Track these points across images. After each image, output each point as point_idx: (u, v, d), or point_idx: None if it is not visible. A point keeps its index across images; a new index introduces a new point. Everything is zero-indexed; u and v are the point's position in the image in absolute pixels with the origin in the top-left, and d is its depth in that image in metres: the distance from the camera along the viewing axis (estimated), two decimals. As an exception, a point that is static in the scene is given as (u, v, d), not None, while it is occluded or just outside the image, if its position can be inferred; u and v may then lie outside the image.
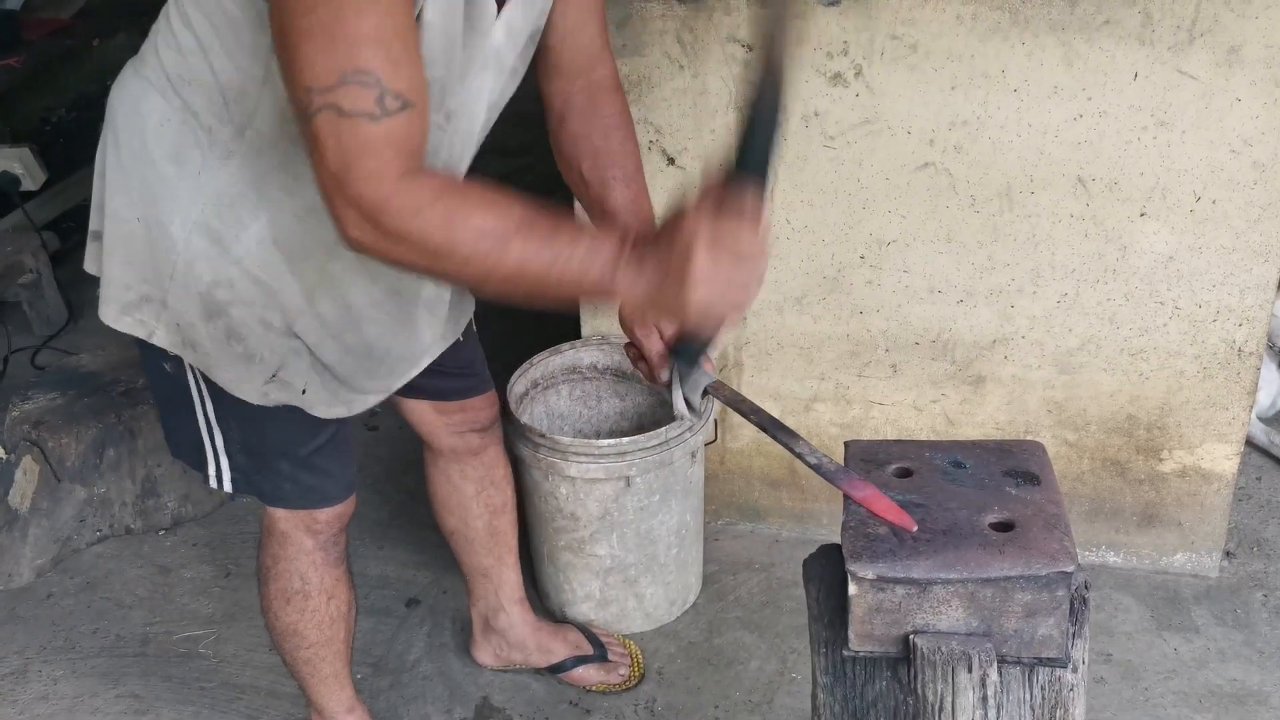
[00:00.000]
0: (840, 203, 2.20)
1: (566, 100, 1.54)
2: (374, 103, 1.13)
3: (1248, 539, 2.49)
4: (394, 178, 1.15)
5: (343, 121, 1.13)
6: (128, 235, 1.48)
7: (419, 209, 1.15)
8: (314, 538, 1.74)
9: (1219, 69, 1.96)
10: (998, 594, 1.20)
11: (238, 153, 1.40)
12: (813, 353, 2.35)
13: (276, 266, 1.45)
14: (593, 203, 1.53)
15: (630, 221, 1.50)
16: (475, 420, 1.96)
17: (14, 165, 3.56)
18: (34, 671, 2.30)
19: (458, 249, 1.16)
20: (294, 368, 1.53)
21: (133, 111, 1.45)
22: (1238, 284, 2.13)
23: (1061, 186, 2.11)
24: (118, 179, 1.48)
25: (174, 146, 1.42)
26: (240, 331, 1.49)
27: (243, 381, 1.54)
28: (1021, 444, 1.39)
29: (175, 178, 1.42)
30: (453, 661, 2.27)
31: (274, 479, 1.67)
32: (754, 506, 2.56)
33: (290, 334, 1.50)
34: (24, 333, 3.49)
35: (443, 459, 2.00)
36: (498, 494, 2.06)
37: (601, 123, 1.53)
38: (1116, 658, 2.21)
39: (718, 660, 2.25)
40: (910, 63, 2.06)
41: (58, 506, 2.57)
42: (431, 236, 1.16)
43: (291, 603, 1.78)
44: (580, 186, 1.54)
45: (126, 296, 1.52)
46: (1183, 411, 2.26)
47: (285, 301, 1.48)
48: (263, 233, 1.43)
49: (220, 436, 1.62)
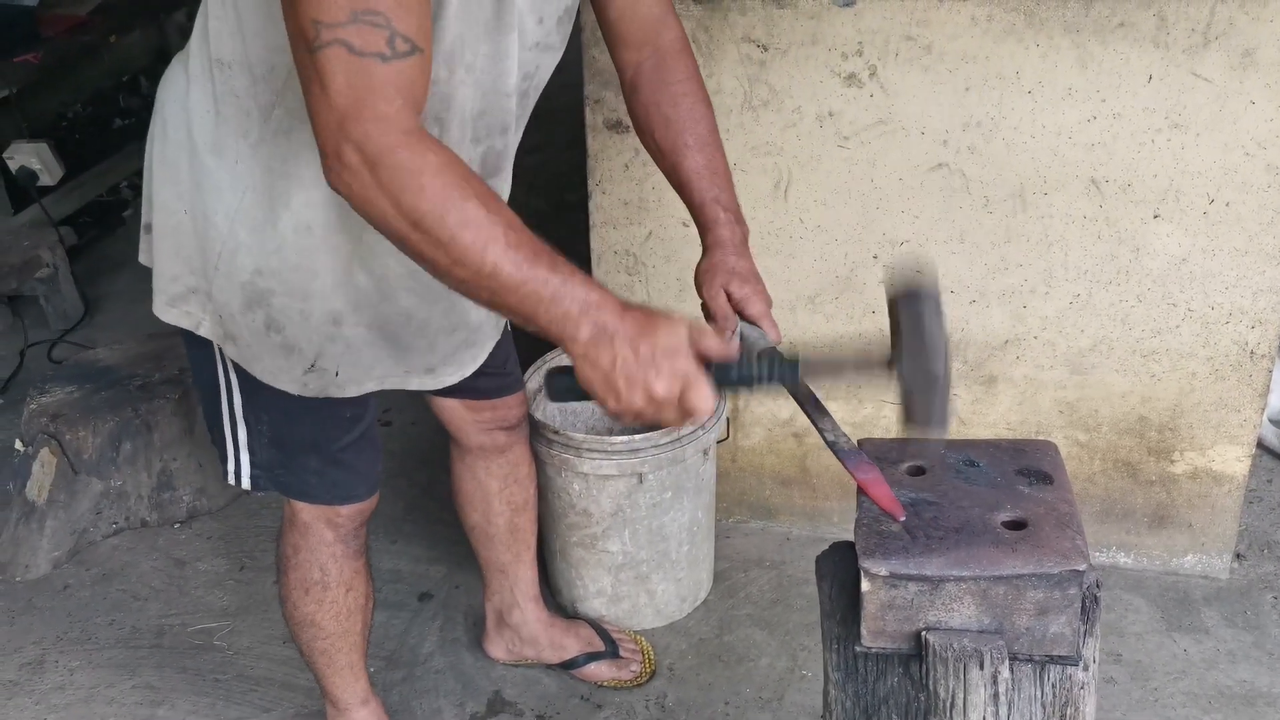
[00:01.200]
0: (854, 203, 2.21)
1: (636, 69, 1.56)
2: (385, 43, 1.13)
3: (1258, 541, 2.49)
4: (402, 129, 1.14)
5: (353, 59, 1.12)
6: (175, 227, 1.51)
7: (420, 171, 1.13)
8: (335, 530, 1.75)
9: (1233, 72, 1.97)
10: (1010, 592, 1.21)
11: (267, 138, 1.41)
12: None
13: (313, 246, 1.46)
14: (669, 170, 1.54)
15: (705, 188, 1.50)
16: (504, 418, 1.97)
17: (32, 160, 3.58)
18: (51, 662, 2.32)
19: (442, 228, 1.13)
20: (330, 354, 1.55)
21: (178, 104, 1.47)
22: (1250, 286, 2.13)
23: (1075, 188, 2.11)
24: (165, 172, 1.50)
25: (214, 138, 1.44)
26: (279, 321, 1.50)
27: (281, 373, 1.55)
28: (1034, 443, 1.40)
29: (216, 169, 1.44)
30: (465, 656, 2.29)
31: (301, 474, 1.68)
32: (765, 504, 2.57)
33: (327, 319, 1.51)
34: (41, 327, 3.51)
35: (469, 455, 2.02)
36: (520, 491, 2.07)
37: (670, 90, 1.54)
38: (1127, 658, 2.21)
39: (729, 657, 2.26)
40: (925, 64, 2.06)
41: (74, 499, 2.59)
42: (420, 205, 1.13)
43: (310, 593, 1.79)
44: (656, 154, 1.55)
45: (174, 288, 1.55)
46: (1194, 413, 2.26)
47: (324, 284, 1.48)
48: (298, 215, 1.44)
49: (244, 432, 1.64)
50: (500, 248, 1.14)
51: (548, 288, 1.15)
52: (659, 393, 1.16)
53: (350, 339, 1.55)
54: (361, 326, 1.55)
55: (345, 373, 1.58)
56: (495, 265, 1.14)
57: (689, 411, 1.18)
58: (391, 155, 1.13)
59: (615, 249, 2.35)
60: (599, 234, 2.35)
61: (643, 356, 1.16)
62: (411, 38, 1.15)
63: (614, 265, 2.37)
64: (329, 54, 1.13)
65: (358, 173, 1.14)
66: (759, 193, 2.23)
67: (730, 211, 1.51)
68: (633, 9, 1.53)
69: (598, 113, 2.24)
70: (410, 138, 1.15)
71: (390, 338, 1.59)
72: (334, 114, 1.14)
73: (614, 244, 2.35)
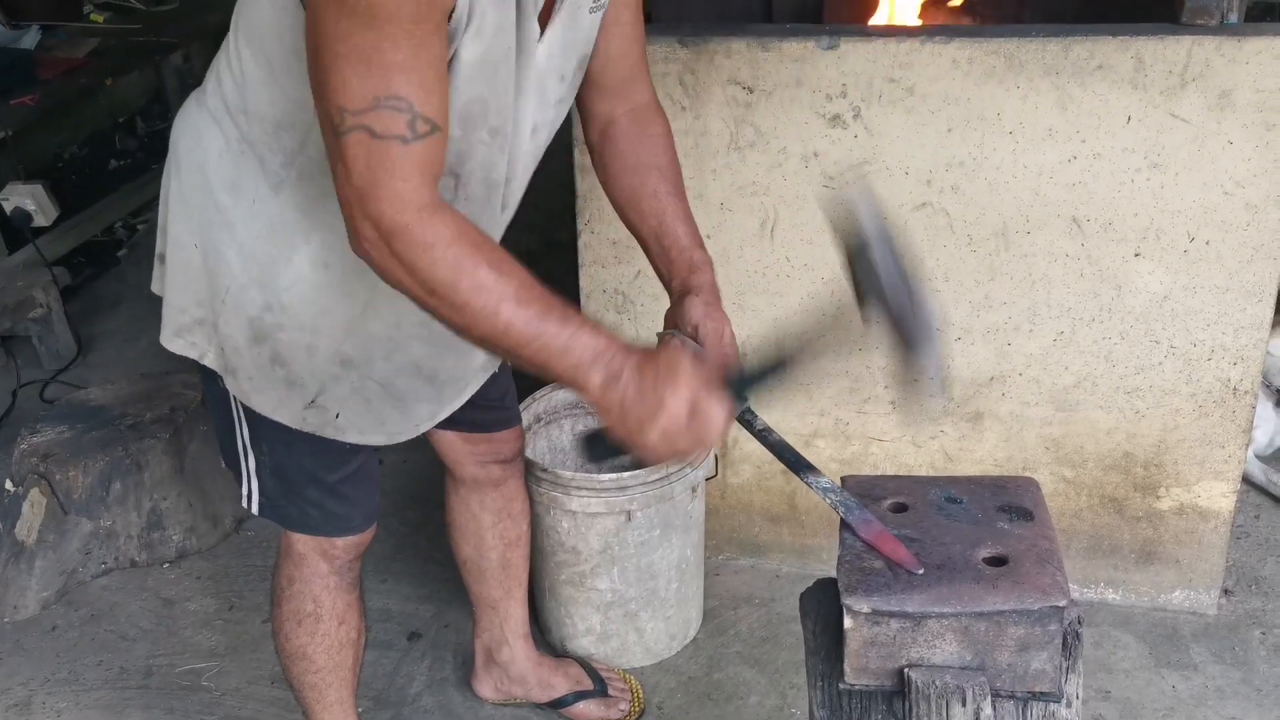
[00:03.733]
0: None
1: (610, 120, 1.59)
2: (406, 126, 1.19)
3: (1246, 577, 2.50)
4: (417, 206, 1.21)
5: (374, 143, 1.19)
6: (186, 261, 1.54)
7: (433, 245, 1.21)
8: (330, 562, 1.76)
9: (1211, 112, 2.00)
10: (991, 628, 1.22)
11: (288, 181, 1.44)
12: (813, 389, 2.38)
13: (329, 288, 1.49)
14: (647, 217, 1.56)
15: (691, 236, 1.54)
16: (499, 452, 1.99)
17: (26, 201, 3.61)
18: (38, 703, 2.31)
19: (455, 294, 1.22)
20: (332, 393, 1.57)
21: (193, 142, 1.50)
22: (1232, 323, 2.15)
23: (1057, 227, 2.14)
24: (179, 208, 1.53)
25: (231, 177, 1.47)
26: (284, 356, 1.52)
27: (281, 406, 1.57)
28: (1015, 480, 1.41)
29: (232, 207, 1.47)
30: (454, 695, 2.28)
31: (301, 505, 1.70)
32: (754, 542, 2.57)
33: (334, 359, 1.54)
34: (33, 366, 3.52)
35: (464, 488, 2.03)
36: (514, 527, 2.08)
37: (650, 142, 1.58)
38: (1115, 695, 2.21)
39: (717, 695, 2.26)
40: (907, 105, 2.10)
41: (64, 539, 2.59)
42: (435, 275, 1.22)
43: (303, 625, 1.80)
44: (632, 202, 1.57)
45: (181, 319, 1.58)
46: (1179, 449, 2.28)
47: (335, 322, 1.51)
48: (314, 256, 1.47)
49: (253, 460, 1.66)
50: (511, 307, 1.23)
51: (558, 340, 1.24)
52: (669, 414, 1.23)
53: (360, 389, 1.57)
54: (372, 380, 1.57)
55: (347, 419, 1.60)
56: (508, 324, 1.23)
57: (704, 426, 1.24)
58: (406, 231, 1.21)
59: (604, 287, 2.38)
60: (588, 273, 2.37)
61: (647, 385, 1.24)
62: (433, 118, 1.22)
63: (603, 303, 2.39)
64: (352, 139, 1.20)
65: (376, 245, 1.23)
66: (746, 232, 2.25)
67: (709, 257, 1.54)
68: (616, 61, 1.56)
69: (586, 154, 2.27)
70: (424, 213, 1.22)
71: (398, 395, 1.61)
72: (354, 194, 1.22)
73: (603, 283, 2.37)
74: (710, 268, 1.53)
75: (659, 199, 1.54)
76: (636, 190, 1.56)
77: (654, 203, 1.54)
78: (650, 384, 1.23)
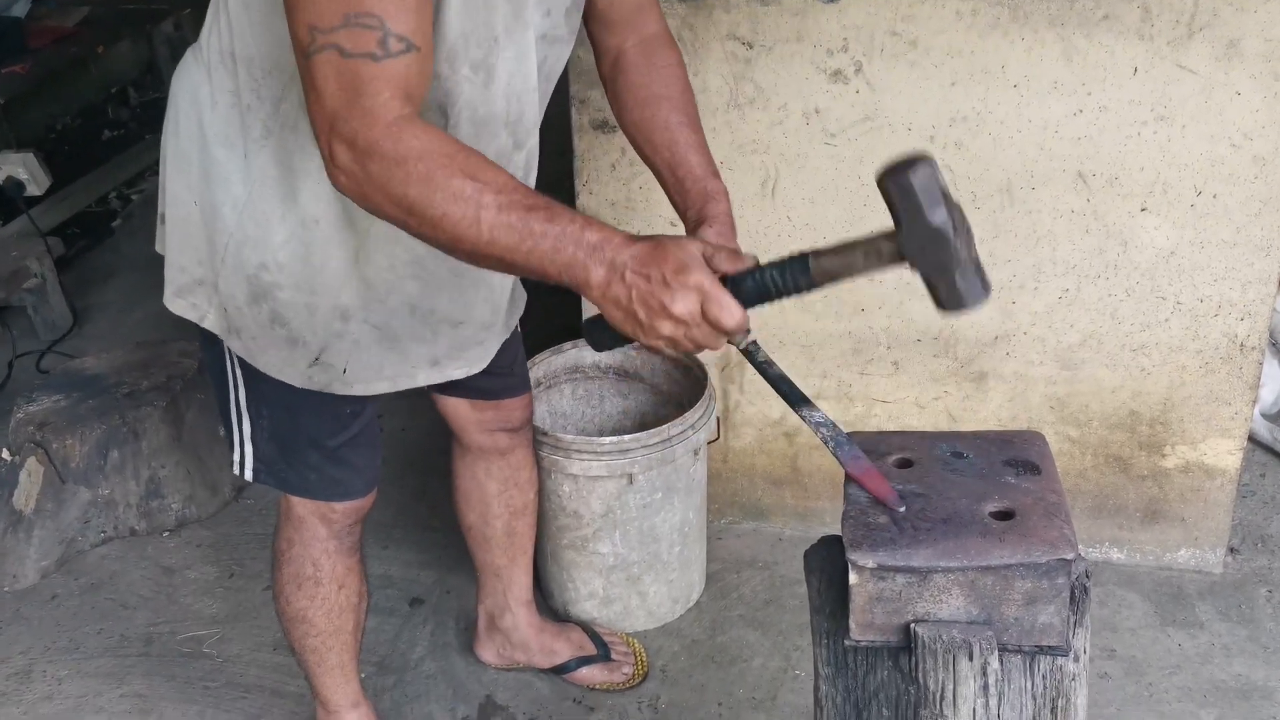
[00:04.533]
0: (841, 200, 2.20)
1: (620, 53, 1.56)
2: (376, 44, 1.15)
3: (1252, 535, 2.48)
4: (387, 121, 1.16)
5: (344, 61, 1.15)
6: (185, 218, 1.51)
7: (404, 159, 1.16)
8: (329, 526, 1.75)
9: (1218, 63, 1.97)
10: (998, 582, 1.20)
11: (274, 131, 1.41)
12: (815, 350, 2.35)
13: (321, 245, 1.46)
14: (659, 146, 1.52)
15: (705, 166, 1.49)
16: (507, 420, 1.96)
17: (19, 171, 3.58)
18: (39, 672, 2.30)
19: (431, 208, 1.16)
20: (336, 349, 1.54)
21: (190, 97, 1.47)
22: (1239, 278, 2.13)
23: (1062, 182, 2.11)
24: (177, 164, 1.50)
25: (223, 130, 1.44)
26: (284, 315, 1.50)
27: (286, 365, 1.55)
28: (1022, 434, 1.39)
29: (226, 161, 1.44)
30: (456, 661, 2.27)
31: (301, 469, 1.68)
32: (757, 505, 2.56)
33: (334, 314, 1.51)
34: (29, 337, 3.50)
35: (470, 455, 2.01)
36: (520, 495, 2.06)
37: (661, 73, 1.54)
38: (1121, 653, 2.20)
39: (721, 658, 2.25)
40: (910, 59, 2.06)
41: (62, 508, 2.58)
42: (409, 192, 1.16)
43: (303, 588, 1.79)
44: (644, 131, 1.53)
45: (182, 279, 1.55)
46: (1185, 407, 2.26)
47: (331, 277, 1.48)
48: (305, 208, 1.44)
49: (248, 424, 1.64)
50: (492, 214, 1.16)
51: (547, 241, 1.17)
52: (679, 312, 1.17)
53: (358, 337, 1.55)
54: (369, 325, 1.54)
55: (354, 371, 1.57)
56: (491, 233, 1.16)
57: (716, 325, 1.19)
58: (377, 146, 1.16)
59: (603, 250, 2.35)
60: (586, 235, 2.34)
61: (655, 281, 1.17)
62: (408, 36, 1.17)
63: (602, 266, 2.36)
64: (322, 59, 1.16)
65: (351, 170, 1.18)
66: (746, 191, 2.22)
67: (724, 190, 1.50)
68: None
69: (584, 113, 2.24)
70: (393, 127, 1.16)
71: (392, 336, 1.58)
72: (325, 115, 1.17)
73: (601, 245, 2.34)
74: (725, 198, 1.48)
75: (670, 130, 1.50)
76: (648, 122, 1.52)
77: (665, 134, 1.51)
78: (658, 279, 1.17)
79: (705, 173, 1.49)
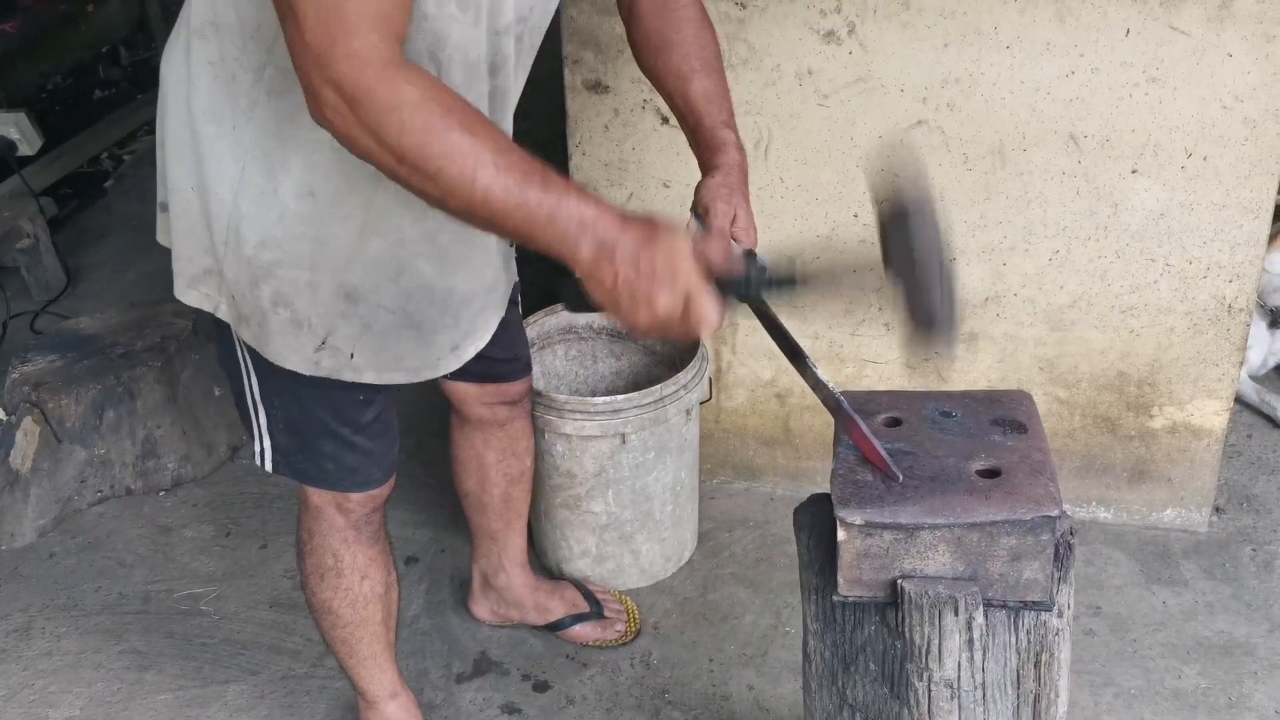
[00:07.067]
0: (834, 161, 2.21)
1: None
2: None
3: (1237, 495, 2.51)
4: (379, 64, 1.12)
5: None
6: (186, 205, 1.47)
7: (399, 107, 1.12)
8: (346, 516, 1.71)
9: (1210, 24, 1.97)
10: (983, 538, 1.22)
11: (260, 99, 1.36)
12: (806, 311, 2.35)
13: (320, 219, 1.41)
14: (673, 93, 1.51)
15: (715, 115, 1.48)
16: (507, 394, 1.95)
17: (10, 130, 3.56)
18: (38, 629, 2.33)
19: (427, 161, 1.14)
20: (343, 333, 1.50)
21: (177, 74, 1.43)
22: (1228, 240, 2.14)
23: (1053, 144, 2.11)
24: (174, 148, 1.46)
25: (211, 104, 1.39)
26: (287, 295, 1.45)
27: (292, 351, 1.50)
28: (1009, 394, 1.41)
29: (216, 138, 1.40)
30: (451, 618, 2.30)
31: (316, 459, 1.64)
32: (749, 465, 2.58)
33: (339, 294, 1.47)
34: (22, 298, 3.49)
35: (469, 425, 2.00)
36: (517, 464, 2.06)
37: (674, 16, 1.52)
38: (1106, 610, 2.24)
39: (713, 615, 2.28)
40: (903, 20, 2.06)
41: (58, 467, 2.59)
42: (404, 141, 1.13)
43: (325, 579, 1.76)
44: (660, 79, 1.52)
45: (191, 270, 1.51)
46: (1173, 368, 2.28)
47: (334, 253, 1.44)
48: (300, 180, 1.39)
49: (264, 416, 1.60)
50: (489, 173, 1.14)
51: (542, 209, 1.16)
52: (662, 307, 1.18)
53: (371, 323, 1.50)
54: (383, 309, 1.50)
55: (364, 358, 1.53)
56: (486, 192, 1.15)
57: (695, 324, 1.19)
58: (369, 93, 1.12)
59: (596, 211, 2.35)
60: (579, 196, 2.34)
61: (643, 271, 1.17)
62: None
63: (595, 227, 2.36)
64: None
65: (339, 111, 1.14)
66: (739, 152, 2.22)
67: (738, 138, 1.49)
68: None
69: (577, 73, 2.23)
70: (386, 71, 1.13)
71: (414, 322, 1.54)
72: (309, 54, 1.13)
73: (595, 206, 2.34)
74: (736, 148, 1.47)
75: (681, 77, 1.48)
76: (660, 69, 1.51)
77: (677, 81, 1.49)
78: (647, 271, 1.16)
79: (715, 122, 1.47)
